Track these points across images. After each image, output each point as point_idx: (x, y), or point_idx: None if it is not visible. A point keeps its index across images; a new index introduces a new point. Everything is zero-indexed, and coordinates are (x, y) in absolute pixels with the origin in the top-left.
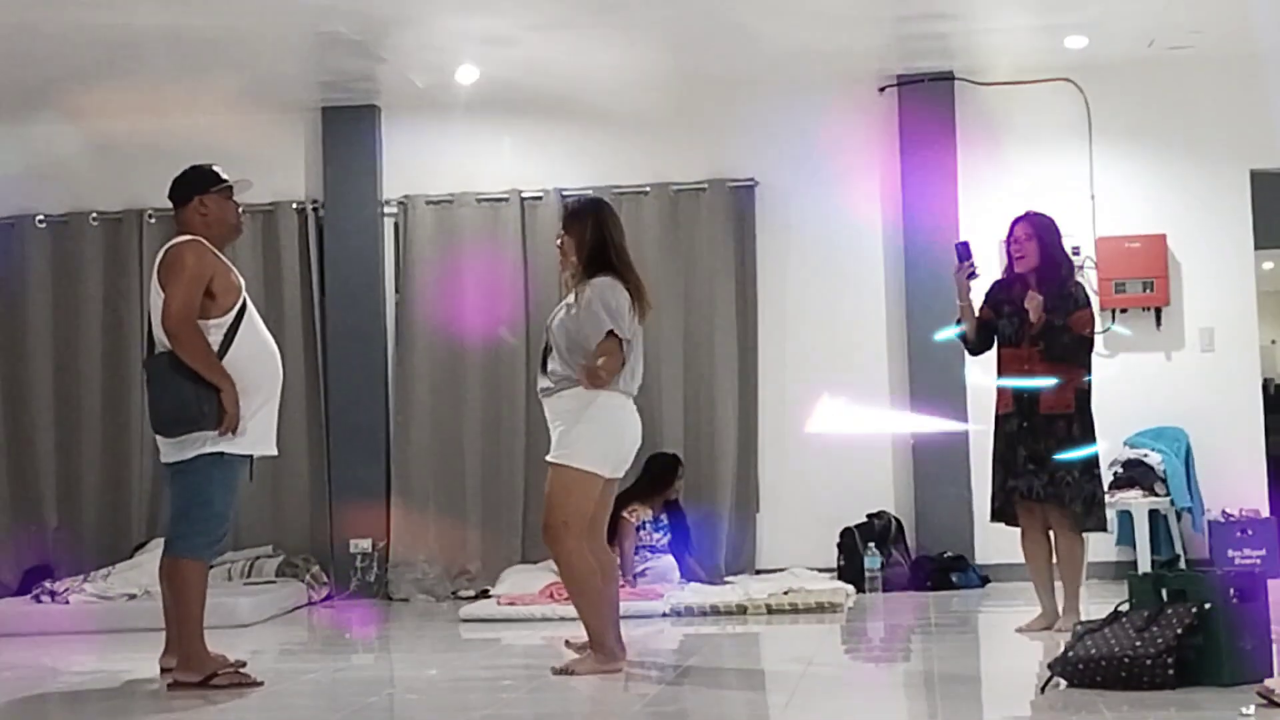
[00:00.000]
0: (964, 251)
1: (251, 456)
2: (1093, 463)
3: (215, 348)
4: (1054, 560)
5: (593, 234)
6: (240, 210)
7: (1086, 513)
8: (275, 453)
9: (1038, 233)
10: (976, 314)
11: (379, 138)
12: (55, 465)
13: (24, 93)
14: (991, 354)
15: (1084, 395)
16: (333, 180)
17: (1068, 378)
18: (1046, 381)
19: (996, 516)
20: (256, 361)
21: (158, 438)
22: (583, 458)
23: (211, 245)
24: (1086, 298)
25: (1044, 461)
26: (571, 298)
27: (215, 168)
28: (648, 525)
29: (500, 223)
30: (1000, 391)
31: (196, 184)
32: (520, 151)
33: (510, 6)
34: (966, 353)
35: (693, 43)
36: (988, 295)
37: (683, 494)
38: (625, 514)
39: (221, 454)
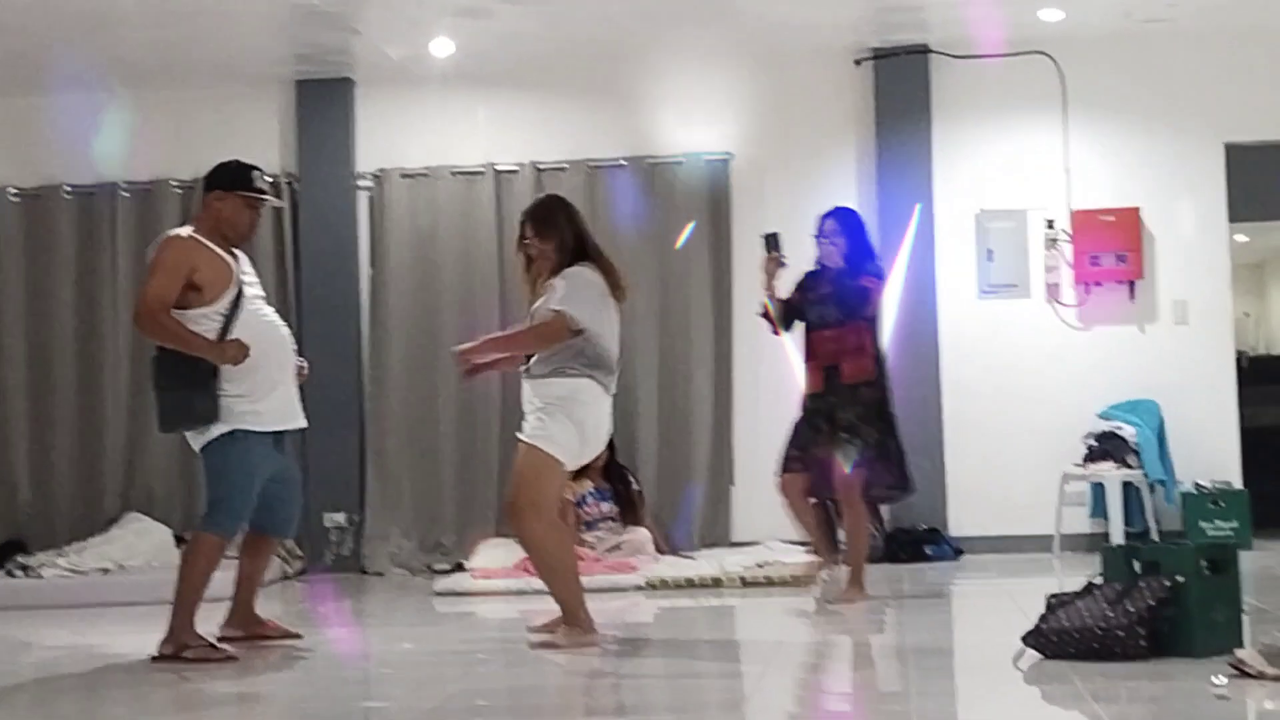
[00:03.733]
0: (773, 243)
1: (282, 432)
2: (888, 430)
3: (214, 336)
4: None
5: (570, 232)
6: (257, 221)
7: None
8: (304, 424)
9: (846, 229)
10: (785, 299)
11: (353, 111)
12: (28, 439)
13: None
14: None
15: (882, 363)
16: (307, 154)
17: (868, 348)
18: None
19: (779, 472)
20: (257, 347)
21: None
22: (557, 445)
23: (211, 238)
24: (880, 274)
25: (855, 429)
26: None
27: (256, 172)
28: (589, 498)
29: (475, 196)
30: (811, 372)
31: (224, 179)
32: (495, 124)
33: None
34: (770, 332)
35: (668, 15)
36: (799, 283)
37: (623, 457)
38: None
39: (233, 432)
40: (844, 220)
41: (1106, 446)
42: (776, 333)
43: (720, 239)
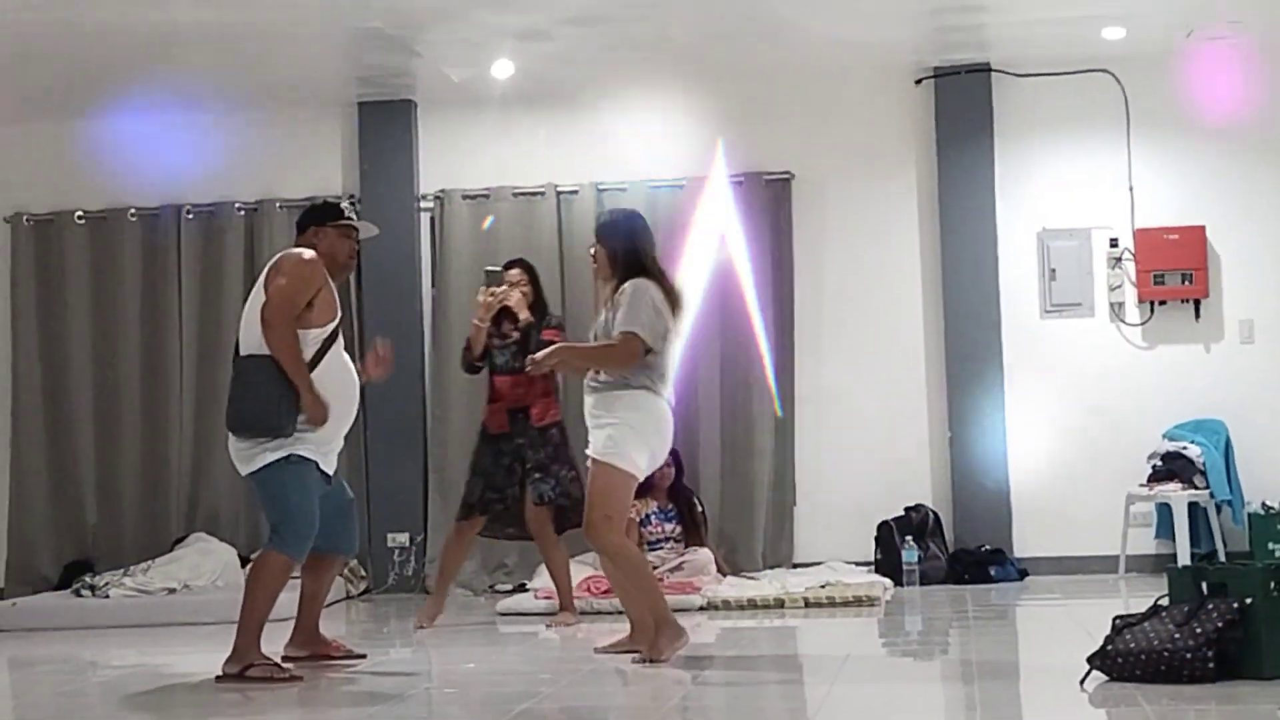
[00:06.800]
0: (493, 279)
1: (319, 466)
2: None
3: (308, 358)
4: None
5: (624, 245)
6: (356, 251)
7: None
8: (329, 472)
9: (532, 276)
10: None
11: (415, 132)
12: (95, 460)
13: (64, 89)
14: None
15: (561, 409)
16: (369, 175)
17: (552, 392)
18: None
19: (463, 516)
20: (335, 388)
21: (231, 452)
22: (627, 459)
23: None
24: (562, 325)
25: (547, 469)
26: (608, 305)
27: (344, 205)
28: (654, 518)
29: (536, 217)
30: (495, 414)
31: (317, 215)
32: (556, 145)
33: (545, 1)
34: (464, 372)
35: (728, 36)
36: None
37: (687, 477)
38: None
39: (289, 456)
40: (529, 270)
41: (1172, 467)
42: (473, 368)
43: (782, 258)
